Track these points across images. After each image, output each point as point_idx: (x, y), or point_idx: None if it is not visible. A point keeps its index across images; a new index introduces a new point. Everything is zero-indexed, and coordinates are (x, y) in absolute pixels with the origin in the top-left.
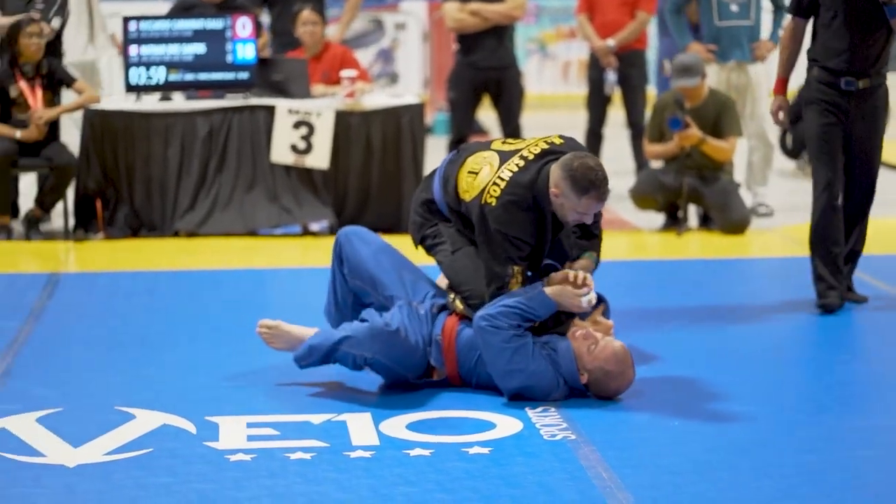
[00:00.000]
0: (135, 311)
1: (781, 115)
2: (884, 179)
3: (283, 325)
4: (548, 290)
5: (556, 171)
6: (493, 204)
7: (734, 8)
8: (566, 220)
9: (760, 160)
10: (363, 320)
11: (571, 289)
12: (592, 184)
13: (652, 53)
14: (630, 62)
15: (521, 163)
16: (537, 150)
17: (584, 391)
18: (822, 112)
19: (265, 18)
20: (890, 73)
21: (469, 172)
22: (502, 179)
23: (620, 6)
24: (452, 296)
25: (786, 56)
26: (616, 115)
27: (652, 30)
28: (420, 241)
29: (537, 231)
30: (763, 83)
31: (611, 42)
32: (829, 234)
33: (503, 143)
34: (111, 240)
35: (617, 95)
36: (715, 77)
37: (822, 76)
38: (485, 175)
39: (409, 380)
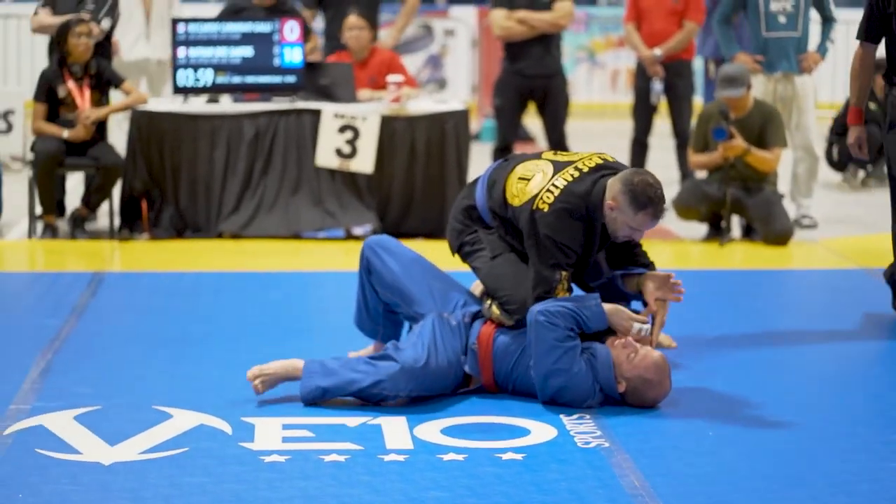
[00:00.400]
0: (177, 311)
1: (863, 146)
2: None
3: (265, 369)
4: (605, 306)
5: (615, 184)
6: (546, 210)
7: (782, 19)
8: (616, 234)
9: (806, 172)
10: (386, 356)
11: (627, 311)
12: (651, 201)
13: (698, 62)
14: (677, 72)
15: (576, 174)
16: (592, 164)
17: (619, 400)
18: None
19: (319, 22)
20: None
21: (520, 178)
22: (556, 187)
23: (668, 15)
24: (489, 302)
25: (857, 85)
26: (661, 124)
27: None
28: (458, 247)
29: (585, 242)
30: (810, 94)
31: (657, 51)
32: None
33: (555, 154)
34: (156, 240)
35: (663, 105)
36: (761, 88)
37: None
38: (537, 182)
39: (446, 393)
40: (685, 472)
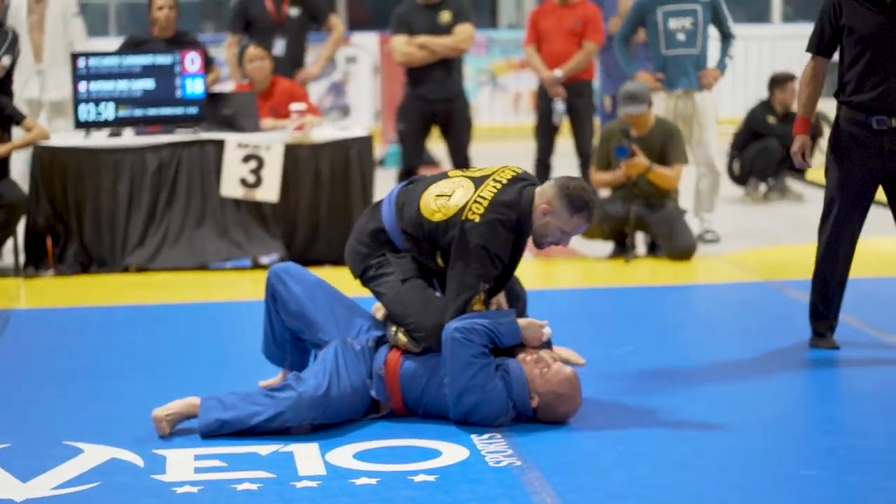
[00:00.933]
0: (85, 346)
1: (806, 154)
2: None
3: (167, 409)
4: (520, 321)
5: (548, 189)
6: (477, 220)
7: (681, 37)
8: (543, 241)
9: (708, 187)
10: (287, 386)
11: (537, 322)
12: (587, 204)
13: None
14: (577, 92)
15: (499, 185)
16: (509, 176)
17: (530, 416)
18: (853, 155)
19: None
20: None
21: (438, 196)
22: (484, 199)
23: (568, 37)
24: (394, 329)
25: (805, 96)
26: (564, 144)
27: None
28: (363, 271)
29: (512, 253)
30: (709, 111)
31: (558, 72)
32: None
33: (462, 171)
34: (62, 276)
35: (565, 125)
36: (662, 105)
37: (850, 115)
38: (460, 196)
39: (354, 418)
40: (597, 487)
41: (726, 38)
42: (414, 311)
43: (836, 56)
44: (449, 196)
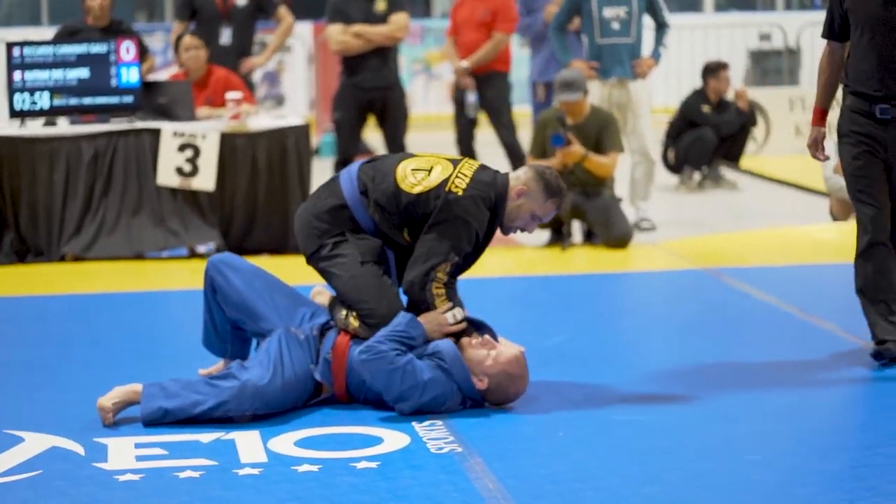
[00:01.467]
0: (23, 335)
1: (819, 147)
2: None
3: (108, 398)
4: (421, 316)
5: (525, 172)
6: (460, 194)
7: (615, 26)
8: (512, 225)
9: (643, 176)
10: (229, 375)
11: (433, 314)
12: (560, 191)
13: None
14: (486, 82)
15: (475, 166)
16: (479, 163)
17: (478, 399)
18: (857, 144)
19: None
20: None
21: (415, 170)
22: (465, 175)
23: (479, 27)
24: (345, 312)
25: (821, 84)
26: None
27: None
28: (317, 248)
29: (486, 233)
30: (644, 99)
31: (464, 63)
32: (876, 277)
33: (430, 154)
34: None
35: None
36: (597, 93)
37: (854, 104)
38: (440, 172)
39: (297, 406)
40: (538, 472)
41: (661, 27)
42: (369, 296)
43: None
44: (428, 171)
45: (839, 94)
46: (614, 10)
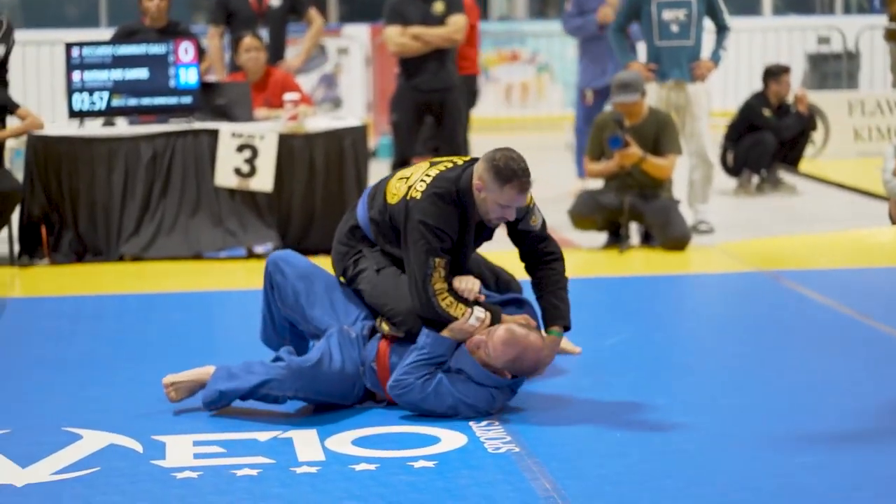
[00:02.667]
0: (81, 334)
1: None
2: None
3: (178, 377)
4: (443, 332)
5: (479, 164)
6: (418, 197)
7: (675, 28)
8: (489, 217)
9: (701, 178)
10: (279, 357)
11: (457, 322)
12: (514, 173)
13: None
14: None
15: (450, 164)
16: (468, 158)
17: (515, 387)
18: None
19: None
20: None
21: (399, 178)
22: (429, 176)
23: None
24: (378, 319)
25: None
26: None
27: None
28: (343, 271)
29: (460, 228)
30: (702, 102)
31: None
32: None
33: (434, 158)
34: (56, 265)
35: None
36: (654, 96)
37: None
38: (412, 174)
39: (345, 405)
40: (595, 473)
41: (722, 30)
42: (389, 298)
43: None
44: (408, 178)
45: (891, 95)
46: (674, 12)
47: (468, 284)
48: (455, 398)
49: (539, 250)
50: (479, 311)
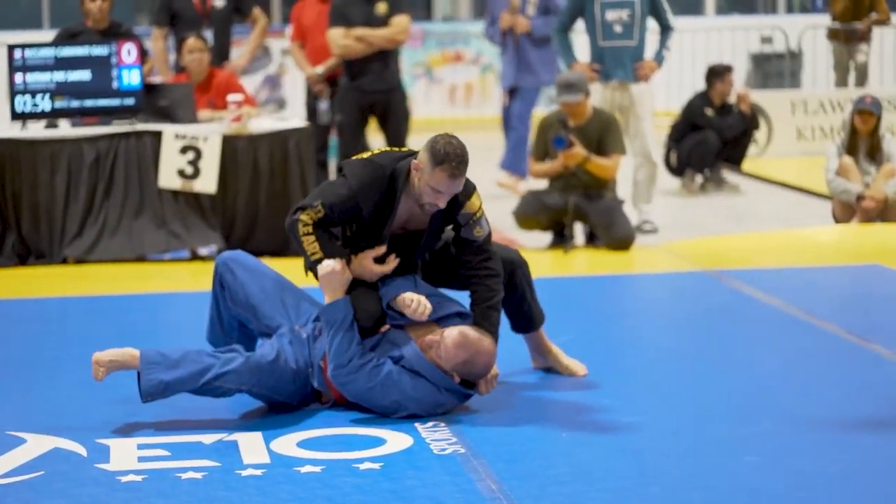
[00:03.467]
0: (25, 337)
1: None
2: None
3: (105, 355)
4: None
5: (423, 146)
6: (358, 159)
7: (618, 29)
8: (422, 202)
9: (645, 178)
10: (232, 349)
11: (364, 261)
12: (448, 156)
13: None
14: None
15: (405, 149)
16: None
17: (467, 392)
18: None
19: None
20: None
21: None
22: (379, 150)
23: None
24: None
25: None
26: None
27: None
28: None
29: (380, 205)
30: (646, 102)
31: (319, 69)
32: None
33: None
34: None
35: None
36: (598, 96)
37: None
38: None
39: (292, 404)
40: (541, 474)
41: (665, 30)
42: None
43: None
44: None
45: (838, 95)
46: (617, 12)
47: (416, 307)
48: (401, 393)
49: (475, 262)
50: (333, 262)
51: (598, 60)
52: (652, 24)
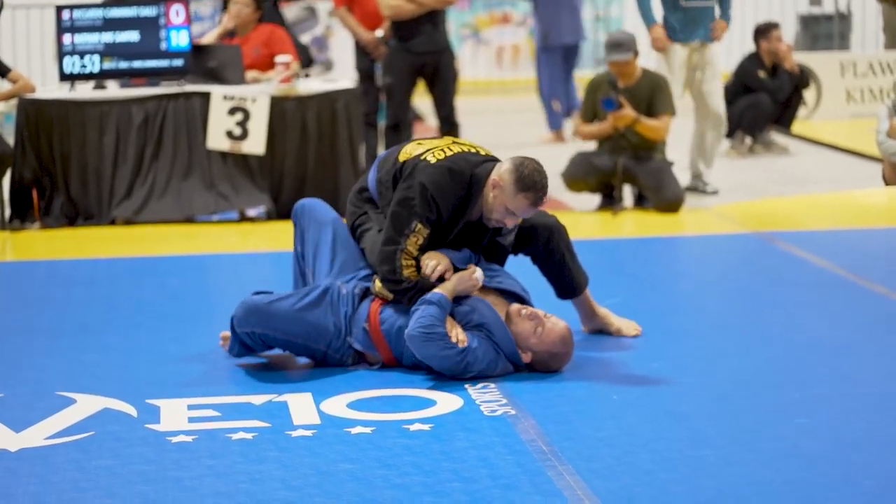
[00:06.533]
0: (74, 298)
1: None
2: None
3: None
4: (448, 282)
5: (505, 164)
6: (432, 162)
7: None
8: (490, 216)
9: (714, 139)
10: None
11: (465, 274)
12: (535, 185)
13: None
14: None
15: (474, 150)
16: (490, 153)
17: (521, 366)
18: None
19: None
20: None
21: (418, 143)
22: (451, 150)
23: None
24: (374, 277)
25: None
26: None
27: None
28: (352, 230)
29: (456, 211)
30: (719, 62)
31: (379, 32)
32: None
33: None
34: (48, 229)
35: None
36: (678, 57)
37: None
38: (433, 143)
39: (329, 354)
40: (591, 435)
41: None
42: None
43: None
44: (426, 144)
45: (888, 56)
46: None
47: (435, 262)
48: (469, 360)
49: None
50: (478, 273)
51: (677, 21)
52: None
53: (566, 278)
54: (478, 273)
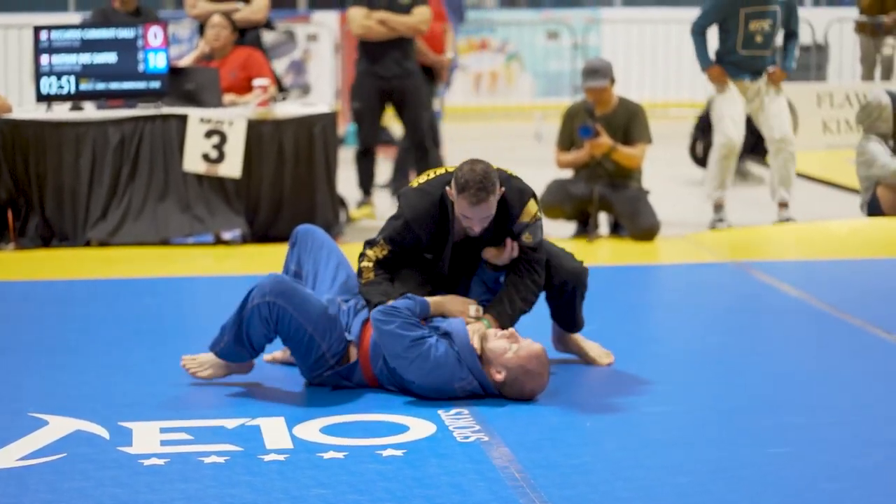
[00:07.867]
0: (48, 319)
1: None
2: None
3: (202, 355)
4: (445, 297)
5: None
6: (413, 186)
7: (759, 39)
8: (461, 226)
9: (788, 160)
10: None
11: (460, 298)
12: (467, 185)
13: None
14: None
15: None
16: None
17: (492, 392)
18: None
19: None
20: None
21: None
22: (435, 173)
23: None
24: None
25: None
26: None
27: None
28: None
29: (437, 231)
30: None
31: (449, 54)
32: None
33: None
34: (23, 250)
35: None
36: (734, 92)
37: None
38: (432, 171)
39: (325, 357)
40: (565, 462)
41: (793, 37)
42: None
43: None
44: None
45: (864, 88)
46: (760, 23)
47: (459, 307)
48: (424, 356)
49: (520, 261)
50: (477, 307)
51: (735, 67)
52: None
53: (572, 317)
54: (474, 305)
